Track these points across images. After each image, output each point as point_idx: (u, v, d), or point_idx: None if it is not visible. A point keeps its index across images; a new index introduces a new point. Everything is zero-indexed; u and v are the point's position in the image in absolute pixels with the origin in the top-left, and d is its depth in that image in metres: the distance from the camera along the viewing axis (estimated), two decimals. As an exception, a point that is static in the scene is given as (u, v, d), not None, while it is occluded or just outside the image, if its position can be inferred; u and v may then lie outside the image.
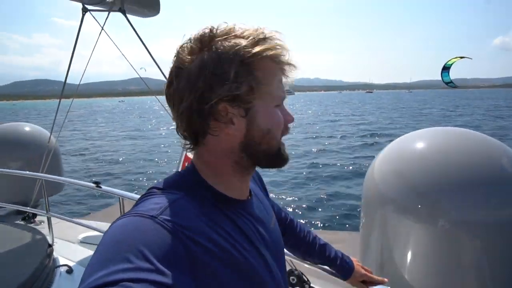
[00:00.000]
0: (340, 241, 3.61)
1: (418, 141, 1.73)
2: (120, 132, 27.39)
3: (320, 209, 7.98)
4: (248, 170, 0.59)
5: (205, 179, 0.57)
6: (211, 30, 0.53)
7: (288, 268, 1.94)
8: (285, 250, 0.75)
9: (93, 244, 2.28)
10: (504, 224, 1.39)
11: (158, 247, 0.42)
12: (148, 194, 0.53)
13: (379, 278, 0.99)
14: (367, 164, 12.22)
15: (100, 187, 1.68)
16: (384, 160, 1.83)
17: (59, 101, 2.77)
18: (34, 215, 3.03)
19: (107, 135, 24.94)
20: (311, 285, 1.90)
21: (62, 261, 1.80)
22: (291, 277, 1.90)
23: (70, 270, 1.66)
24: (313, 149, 16.00)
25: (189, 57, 0.52)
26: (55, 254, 1.72)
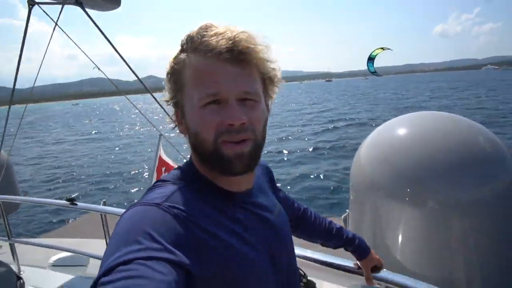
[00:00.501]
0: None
1: (401, 127, 1.77)
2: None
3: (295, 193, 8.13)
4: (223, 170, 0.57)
5: (200, 171, 0.59)
6: (186, 38, 0.55)
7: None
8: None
9: (67, 266, 2.03)
10: (488, 200, 1.46)
11: (166, 230, 0.46)
12: (153, 187, 0.57)
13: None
14: (327, 147, 12.77)
15: (76, 204, 1.48)
16: (370, 147, 1.85)
17: (8, 109, 2.43)
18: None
19: (62, 142, 23.23)
20: (309, 278, 1.89)
21: None
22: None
23: None
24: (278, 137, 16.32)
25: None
26: (26, 287, 1.49)
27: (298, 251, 1.05)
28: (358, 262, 0.99)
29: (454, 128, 1.68)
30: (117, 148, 18.44)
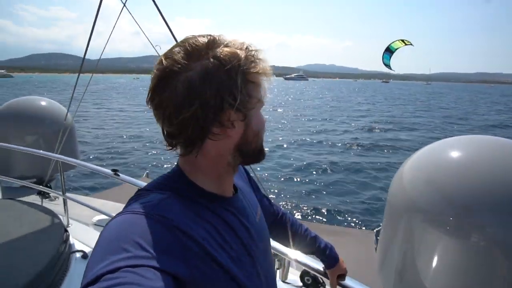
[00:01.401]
0: (351, 237, 3.57)
1: (453, 149, 1.63)
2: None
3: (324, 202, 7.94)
4: (235, 168, 0.64)
5: (192, 180, 0.60)
6: (209, 40, 0.54)
7: (303, 269, 1.91)
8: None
9: (107, 227, 2.27)
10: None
11: (153, 238, 0.46)
12: (136, 196, 0.57)
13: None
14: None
15: (118, 175, 1.63)
16: (415, 165, 1.74)
17: (78, 77, 2.70)
18: (50, 189, 3.07)
19: (124, 113, 25.29)
20: (327, 287, 1.86)
21: (77, 245, 1.78)
22: (306, 278, 1.88)
23: (85, 256, 1.64)
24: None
25: (185, 62, 0.52)
26: (70, 238, 1.70)
27: (278, 246, 1.14)
28: (326, 270, 1.07)
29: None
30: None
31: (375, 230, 3.64)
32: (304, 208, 7.41)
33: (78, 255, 1.64)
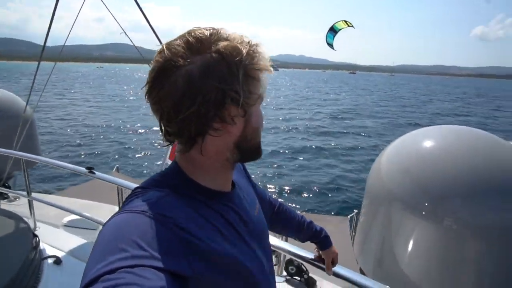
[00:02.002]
0: (326, 224, 3.68)
1: (426, 139, 1.71)
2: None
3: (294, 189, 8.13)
4: (234, 164, 0.63)
5: (190, 177, 0.59)
6: (211, 33, 0.53)
7: (288, 257, 1.93)
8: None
9: (79, 228, 2.12)
10: (510, 228, 1.40)
11: (152, 237, 0.45)
12: (133, 194, 0.55)
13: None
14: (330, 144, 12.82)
15: (94, 173, 1.50)
16: (391, 157, 1.81)
17: (38, 65, 2.46)
18: (9, 188, 2.82)
19: (86, 105, 23.82)
20: (310, 274, 1.91)
21: (48, 250, 1.64)
22: (290, 267, 1.91)
23: (58, 261, 1.51)
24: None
25: (186, 54, 0.51)
26: (40, 243, 1.56)
27: (272, 242, 1.13)
28: (320, 251, 1.10)
29: (484, 146, 1.60)
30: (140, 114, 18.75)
31: (348, 217, 3.78)
32: (275, 195, 7.54)
33: (50, 261, 1.50)
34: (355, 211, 3.73)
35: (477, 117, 24.43)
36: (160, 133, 0.56)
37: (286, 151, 11.88)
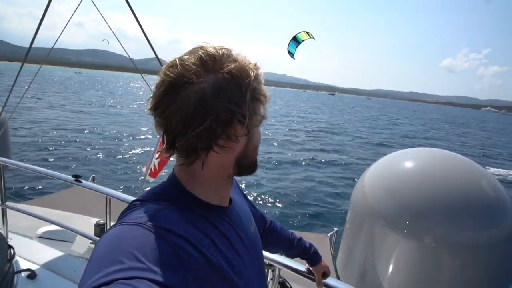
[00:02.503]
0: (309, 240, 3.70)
1: (408, 160, 1.82)
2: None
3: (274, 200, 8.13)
4: (232, 179, 0.66)
5: (189, 190, 0.59)
6: (224, 53, 0.55)
7: (283, 272, 1.94)
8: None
9: (54, 240, 2.00)
10: (484, 245, 1.50)
11: (149, 250, 0.46)
12: (131, 206, 0.56)
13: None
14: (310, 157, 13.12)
15: (80, 182, 1.44)
16: (375, 175, 1.89)
17: (20, 68, 2.35)
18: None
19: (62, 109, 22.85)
20: (293, 291, 1.90)
21: (22, 263, 1.53)
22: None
23: (32, 275, 1.42)
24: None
25: (200, 72, 0.52)
26: (16, 256, 1.46)
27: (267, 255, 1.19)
28: (310, 267, 1.13)
29: (460, 169, 1.72)
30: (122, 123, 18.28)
31: (329, 234, 3.82)
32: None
33: (23, 274, 1.40)
34: (335, 229, 3.78)
35: (445, 141, 26.10)
36: (162, 146, 0.57)
37: (264, 163, 11.95)
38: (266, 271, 1.35)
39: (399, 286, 1.64)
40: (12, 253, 1.38)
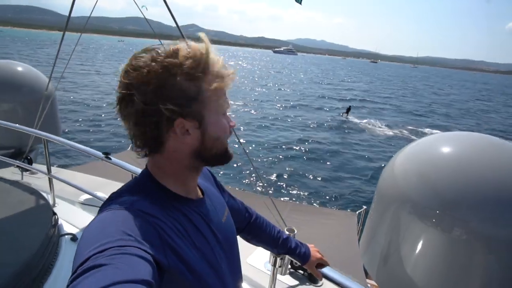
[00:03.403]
0: (335, 218, 3.70)
1: (445, 144, 1.66)
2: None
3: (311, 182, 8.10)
4: (198, 172, 0.70)
5: (160, 182, 0.64)
6: (159, 51, 0.59)
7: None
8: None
9: (95, 206, 2.21)
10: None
11: (135, 227, 0.50)
12: (109, 199, 0.60)
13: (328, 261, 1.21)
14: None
15: (110, 159, 1.55)
16: (407, 158, 1.77)
17: (61, 42, 2.46)
18: (30, 162, 2.93)
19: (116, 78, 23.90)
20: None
21: (66, 227, 1.73)
22: (295, 261, 1.95)
23: (75, 238, 1.59)
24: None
25: (145, 76, 0.56)
26: (59, 220, 1.64)
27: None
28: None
29: (504, 158, 1.55)
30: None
31: (357, 213, 3.78)
32: (289, 188, 7.56)
33: (67, 237, 1.58)
34: (364, 207, 3.72)
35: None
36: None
37: (295, 142, 11.80)
38: (274, 259, 1.38)
39: (422, 276, 1.59)
40: (56, 218, 1.56)
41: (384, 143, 12.55)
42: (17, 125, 2.13)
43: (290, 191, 7.44)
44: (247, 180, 7.54)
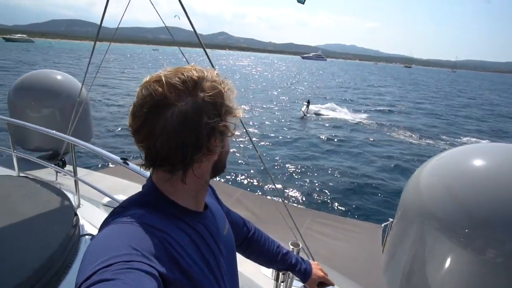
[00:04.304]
0: (359, 230, 3.55)
1: (476, 157, 1.52)
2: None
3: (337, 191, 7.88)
4: (208, 185, 0.71)
5: (168, 196, 0.63)
6: (198, 77, 0.59)
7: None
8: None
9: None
10: None
11: (141, 242, 0.50)
12: (114, 213, 0.60)
13: (331, 281, 1.14)
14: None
15: (127, 164, 1.61)
16: (434, 170, 1.65)
17: (93, 49, 2.63)
18: (64, 163, 3.14)
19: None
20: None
21: (87, 227, 1.81)
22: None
23: None
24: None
25: (179, 95, 0.56)
26: (80, 221, 1.73)
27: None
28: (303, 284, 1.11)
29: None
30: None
31: (382, 225, 3.60)
32: (314, 195, 7.40)
33: (87, 238, 1.66)
34: (391, 220, 3.53)
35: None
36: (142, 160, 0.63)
37: (319, 146, 11.57)
38: (276, 274, 1.34)
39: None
40: (77, 219, 1.65)
41: (413, 151, 11.92)
42: (50, 130, 2.29)
43: (310, 198, 7.28)
44: (260, 184, 7.47)
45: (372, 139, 13.05)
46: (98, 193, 2.14)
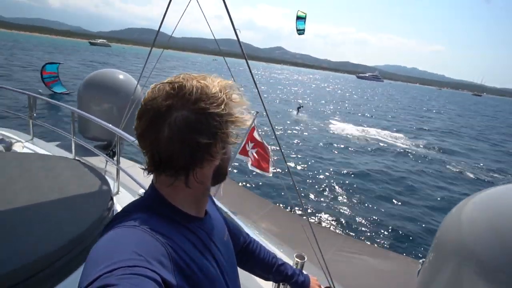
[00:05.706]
0: (393, 263, 3.26)
1: None
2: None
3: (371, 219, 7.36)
4: (209, 191, 0.72)
5: (170, 201, 0.64)
6: (204, 85, 0.60)
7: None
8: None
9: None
10: None
11: (146, 247, 0.50)
12: (118, 217, 0.60)
13: None
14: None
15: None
16: (478, 207, 1.48)
17: (150, 50, 2.92)
18: (114, 154, 3.46)
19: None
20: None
21: None
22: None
23: None
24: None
25: (182, 101, 0.58)
26: (115, 206, 1.88)
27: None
28: None
29: None
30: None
31: (420, 261, 3.26)
32: (348, 220, 7.01)
33: None
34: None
35: None
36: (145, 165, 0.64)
37: (354, 166, 10.96)
38: (276, 285, 1.29)
39: None
40: (112, 203, 1.80)
41: (468, 185, 10.66)
42: (105, 122, 2.57)
43: (339, 221, 6.88)
44: (292, 202, 7.26)
45: (419, 168, 12.02)
46: (136, 184, 2.31)
